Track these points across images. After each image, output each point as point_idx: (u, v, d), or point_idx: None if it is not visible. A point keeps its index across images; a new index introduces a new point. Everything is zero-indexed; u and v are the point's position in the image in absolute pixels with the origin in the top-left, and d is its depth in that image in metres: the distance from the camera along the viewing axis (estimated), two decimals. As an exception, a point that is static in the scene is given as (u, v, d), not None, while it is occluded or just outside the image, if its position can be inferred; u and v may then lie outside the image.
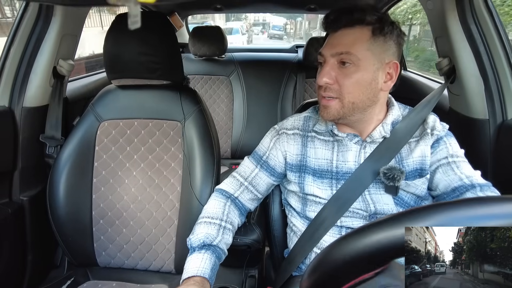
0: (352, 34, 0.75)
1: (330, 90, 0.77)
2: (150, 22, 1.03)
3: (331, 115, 0.79)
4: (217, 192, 0.94)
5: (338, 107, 0.77)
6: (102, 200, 1.11)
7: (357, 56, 0.73)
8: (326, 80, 0.76)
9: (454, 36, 1.01)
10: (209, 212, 0.87)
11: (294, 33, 22.39)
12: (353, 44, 0.74)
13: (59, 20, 1.13)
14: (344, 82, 0.75)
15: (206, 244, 0.80)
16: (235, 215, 0.90)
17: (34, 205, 1.16)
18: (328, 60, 0.77)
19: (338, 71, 0.76)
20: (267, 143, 0.94)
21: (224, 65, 2.23)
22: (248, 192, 0.93)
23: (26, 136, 1.14)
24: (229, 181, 0.95)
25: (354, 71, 0.74)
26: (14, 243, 1.11)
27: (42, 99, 1.18)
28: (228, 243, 0.85)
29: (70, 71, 1.24)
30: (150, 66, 1.04)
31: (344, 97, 0.76)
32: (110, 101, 1.14)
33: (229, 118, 2.20)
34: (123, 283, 1.07)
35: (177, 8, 2.27)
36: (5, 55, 1.11)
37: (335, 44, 0.76)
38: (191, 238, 0.82)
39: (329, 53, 0.77)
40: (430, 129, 0.81)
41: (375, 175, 0.79)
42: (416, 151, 0.81)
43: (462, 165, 0.78)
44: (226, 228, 0.85)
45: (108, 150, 1.12)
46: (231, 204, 0.91)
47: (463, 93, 1.04)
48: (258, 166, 0.93)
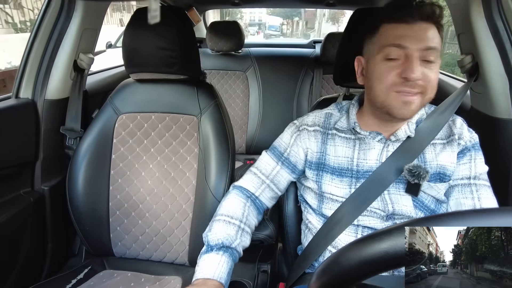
0: (432, 29, 0.72)
1: (417, 85, 0.72)
2: (169, 17, 1.03)
3: (412, 111, 0.74)
4: (237, 190, 0.91)
5: (419, 102, 0.74)
6: (119, 192, 1.13)
7: (439, 53, 0.72)
8: (419, 75, 0.71)
9: (479, 33, 0.98)
10: (228, 211, 0.85)
11: (291, 34, 22.00)
12: (436, 39, 0.72)
13: (80, 14, 1.15)
14: (431, 78, 0.72)
15: (224, 246, 0.79)
16: (253, 216, 0.89)
17: (54, 194, 1.19)
18: (413, 53, 0.71)
19: (423, 66, 0.72)
20: (287, 139, 0.91)
21: (240, 60, 2.23)
22: (270, 191, 0.91)
23: (47, 127, 1.17)
24: (249, 178, 0.92)
25: (436, 67, 0.73)
26: (36, 231, 1.15)
27: (63, 92, 1.21)
28: (245, 246, 0.84)
29: (90, 64, 1.26)
30: (168, 60, 1.05)
31: (427, 92, 0.73)
32: (128, 94, 1.15)
33: (244, 113, 2.20)
34: (138, 273, 1.09)
35: (195, 3, 2.27)
36: (28, 49, 1.14)
37: (421, 38, 0.71)
38: (208, 235, 0.81)
39: (416, 46, 0.71)
40: (458, 136, 0.79)
41: (398, 173, 0.77)
42: (442, 155, 0.79)
43: (481, 191, 0.77)
44: (245, 230, 0.84)
45: (126, 143, 1.14)
46: (250, 205, 0.89)
47: (487, 92, 1.00)
48: (279, 163, 0.90)
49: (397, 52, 0.72)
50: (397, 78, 0.72)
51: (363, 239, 0.34)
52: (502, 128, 0.99)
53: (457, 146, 0.79)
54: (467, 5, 0.98)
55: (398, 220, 0.80)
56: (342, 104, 0.92)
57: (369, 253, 0.32)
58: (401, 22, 0.73)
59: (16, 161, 1.10)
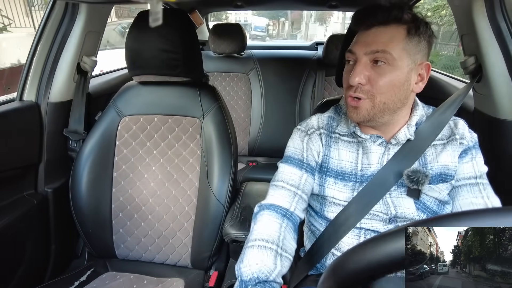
0: (388, 33, 0.71)
1: (361, 91, 0.73)
2: (171, 19, 1.04)
3: (361, 116, 0.75)
4: (268, 210, 0.80)
5: (369, 107, 0.74)
6: (122, 194, 1.13)
7: (392, 55, 0.70)
8: (359, 80, 0.72)
9: (482, 34, 0.97)
10: (262, 234, 0.75)
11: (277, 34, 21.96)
12: (389, 42, 0.71)
13: (83, 17, 1.16)
14: (378, 82, 0.72)
15: (261, 281, 0.68)
16: (291, 237, 0.78)
17: (58, 196, 1.20)
18: (360, 59, 0.73)
19: (371, 71, 0.72)
20: (299, 145, 0.87)
21: (243, 63, 2.23)
22: (303, 202, 0.84)
23: (51, 130, 1.18)
24: (278, 193, 0.82)
25: (389, 70, 0.71)
26: (39, 233, 1.15)
27: (67, 95, 1.21)
28: (284, 273, 0.73)
29: (93, 67, 1.27)
30: (171, 63, 1.06)
31: (375, 97, 0.73)
32: (131, 97, 1.16)
33: (247, 115, 2.20)
34: (140, 275, 1.09)
35: (198, 5, 2.28)
36: (32, 52, 1.15)
37: (369, 42, 0.72)
38: (241, 267, 0.70)
39: (362, 51, 0.72)
40: (460, 136, 0.79)
41: (398, 177, 0.77)
42: (442, 155, 0.78)
43: (488, 189, 0.78)
44: (283, 256, 0.74)
45: (129, 145, 1.14)
46: (287, 225, 0.78)
47: (490, 93, 1.00)
48: (303, 170, 0.85)
49: (352, 57, 0.76)
50: (347, 82, 0.75)
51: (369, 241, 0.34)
52: (506, 130, 0.99)
53: (459, 146, 0.79)
54: (470, 6, 0.97)
55: (401, 222, 0.80)
56: (341, 107, 0.91)
57: (375, 255, 0.32)
58: (362, 28, 0.75)
59: (20, 163, 1.11)
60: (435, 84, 1.64)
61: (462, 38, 1.10)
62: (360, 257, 0.34)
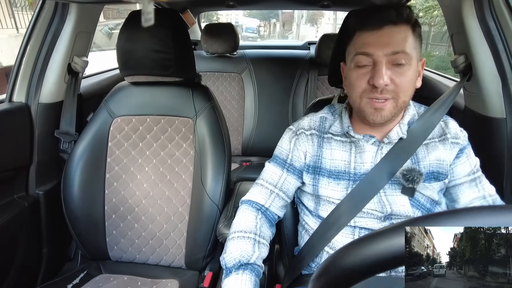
0: (401, 32, 0.72)
1: (387, 91, 0.72)
2: (163, 19, 1.03)
3: (385, 117, 0.75)
4: (246, 204, 0.89)
5: (392, 108, 0.74)
6: (114, 195, 1.13)
7: (410, 55, 0.72)
8: (385, 81, 0.71)
9: (471, 33, 0.99)
10: (240, 226, 0.83)
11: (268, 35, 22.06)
12: (404, 42, 0.72)
13: (74, 17, 1.15)
14: (401, 82, 0.72)
15: (243, 264, 0.76)
16: (266, 227, 0.86)
17: (49, 199, 1.18)
18: (380, 60, 0.72)
19: (392, 71, 0.72)
20: (286, 145, 0.90)
21: (235, 62, 2.23)
22: (279, 200, 0.89)
23: (41, 131, 1.17)
24: (257, 190, 0.90)
25: (407, 69, 0.73)
26: (31, 236, 1.14)
27: (57, 96, 1.20)
28: (263, 257, 0.81)
29: (84, 68, 1.26)
30: (163, 63, 1.05)
31: (399, 96, 0.73)
32: (123, 97, 1.15)
33: (240, 115, 2.20)
34: (135, 277, 1.08)
35: (190, 5, 2.27)
36: (22, 52, 1.13)
37: (385, 43, 0.72)
38: (224, 257, 0.78)
39: (381, 52, 0.71)
40: (452, 136, 0.80)
41: (390, 176, 0.78)
42: (433, 153, 0.80)
43: (483, 181, 0.82)
44: (261, 242, 0.81)
45: (121, 146, 1.13)
46: (261, 217, 0.86)
47: (480, 92, 1.01)
48: (284, 170, 0.89)
49: (366, 59, 0.74)
50: (367, 85, 0.74)
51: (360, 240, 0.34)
52: (495, 127, 1.00)
53: (453, 146, 0.80)
54: (460, 6, 0.99)
55: (396, 220, 0.81)
56: (335, 107, 0.92)
57: (366, 254, 0.33)
58: (369, 29, 0.74)
59: (10, 166, 1.09)
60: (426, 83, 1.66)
61: (452, 37, 1.11)
62: (355, 255, 0.34)
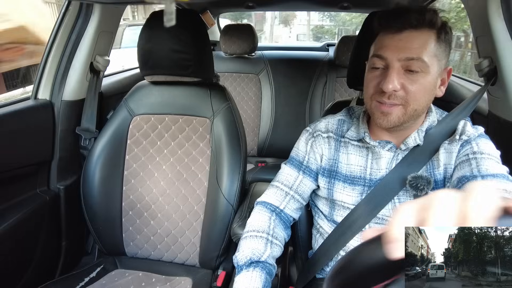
0: (421, 38, 0.68)
1: (395, 97, 0.70)
2: (183, 20, 1.04)
3: (392, 122, 0.72)
4: (260, 205, 0.88)
5: (400, 114, 0.72)
6: (132, 192, 1.15)
7: (426, 63, 0.68)
8: (394, 87, 0.68)
9: (498, 36, 0.95)
10: (253, 226, 0.83)
11: None
12: (422, 48, 0.68)
13: (97, 18, 1.18)
14: (412, 89, 0.69)
15: (253, 261, 0.76)
16: (281, 229, 0.86)
17: (69, 193, 1.22)
18: (393, 65, 0.69)
19: (404, 77, 0.69)
20: (303, 147, 0.89)
21: (253, 63, 2.23)
22: (295, 202, 0.88)
23: (63, 128, 1.20)
24: (272, 192, 0.89)
25: (422, 77, 0.69)
26: (51, 229, 1.17)
27: (80, 93, 1.23)
28: (276, 257, 0.81)
29: (106, 66, 1.29)
30: (182, 63, 1.06)
31: (409, 104, 0.70)
32: (142, 96, 1.17)
33: (256, 116, 2.20)
34: (149, 273, 1.10)
35: (210, 6, 2.29)
36: (48, 51, 1.17)
37: (401, 48, 0.69)
38: (237, 255, 0.78)
39: (395, 57, 0.69)
40: (459, 135, 0.75)
41: (403, 183, 0.76)
42: (446, 158, 0.76)
43: (482, 161, 0.69)
44: (273, 242, 0.81)
45: (140, 144, 1.15)
46: (276, 218, 0.86)
47: (505, 96, 0.98)
48: (300, 172, 0.88)
49: (380, 62, 0.72)
50: (376, 88, 0.72)
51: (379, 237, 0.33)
52: None
53: (458, 143, 0.75)
54: (485, 7, 0.95)
55: None
56: (353, 110, 0.90)
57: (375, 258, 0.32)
58: (390, 31, 0.71)
59: (33, 160, 1.13)
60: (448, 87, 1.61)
61: (477, 40, 1.08)
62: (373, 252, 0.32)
